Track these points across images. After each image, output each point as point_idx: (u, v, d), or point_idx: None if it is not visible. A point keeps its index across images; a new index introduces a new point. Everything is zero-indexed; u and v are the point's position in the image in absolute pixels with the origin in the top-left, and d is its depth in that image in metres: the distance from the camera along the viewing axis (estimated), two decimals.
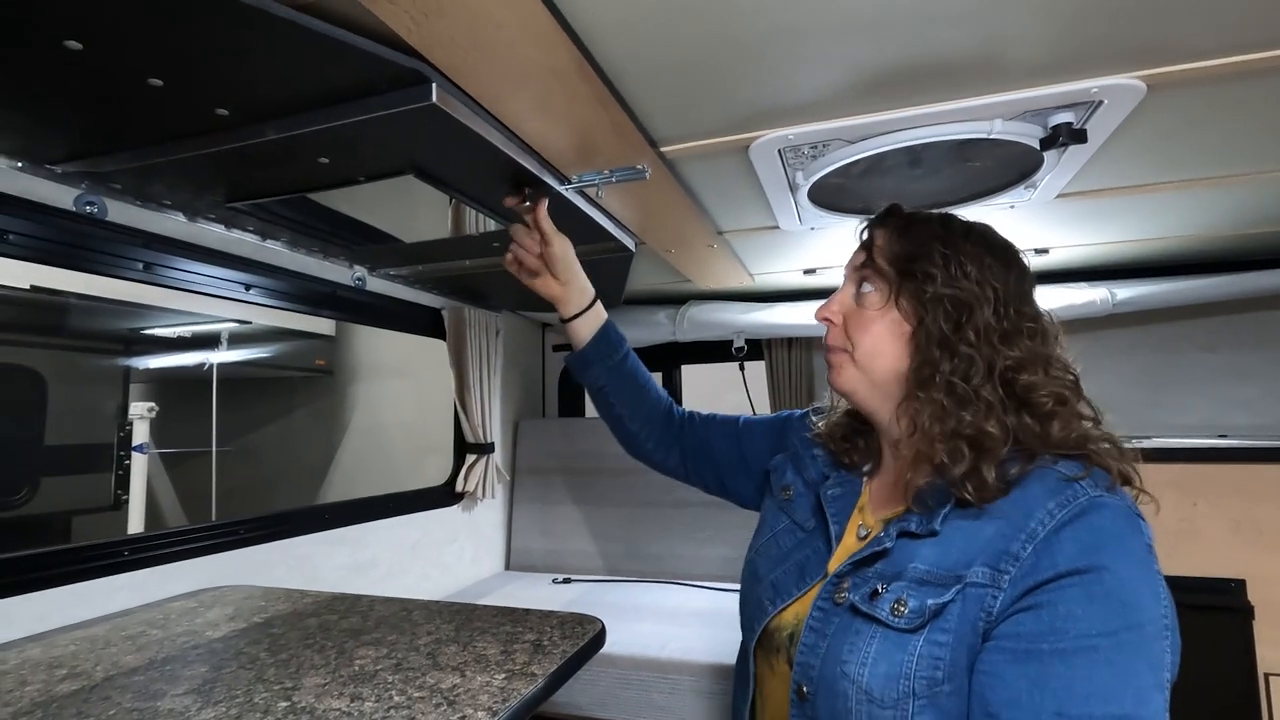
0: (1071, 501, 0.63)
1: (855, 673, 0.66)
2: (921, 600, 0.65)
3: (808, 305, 2.21)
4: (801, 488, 0.91)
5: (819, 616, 0.74)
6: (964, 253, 0.75)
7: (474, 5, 0.67)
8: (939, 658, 0.63)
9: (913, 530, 0.71)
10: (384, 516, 1.82)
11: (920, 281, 0.75)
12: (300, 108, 0.84)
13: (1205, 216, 1.52)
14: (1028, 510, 0.64)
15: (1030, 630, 0.60)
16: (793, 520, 0.88)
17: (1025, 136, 1.02)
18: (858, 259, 0.83)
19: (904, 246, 0.78)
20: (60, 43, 0.68)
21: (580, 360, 1.10)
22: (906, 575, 0.68)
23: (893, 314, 0.77)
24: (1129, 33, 0.79)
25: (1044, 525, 0.63)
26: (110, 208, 1.12)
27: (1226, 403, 1.96)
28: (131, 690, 0.79)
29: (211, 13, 0.64)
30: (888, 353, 0.77)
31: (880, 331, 0.77)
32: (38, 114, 0.85)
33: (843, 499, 0.84)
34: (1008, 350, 0.71)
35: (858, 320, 0.80)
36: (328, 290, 1.62)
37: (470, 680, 0.79)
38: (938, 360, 0.72)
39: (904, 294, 0.76)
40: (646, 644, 1.53)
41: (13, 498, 2.71)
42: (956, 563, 0.66)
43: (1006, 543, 0.64)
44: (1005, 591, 0.62)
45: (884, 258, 0.79)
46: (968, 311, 0.72)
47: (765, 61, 0.84)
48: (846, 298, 0.83)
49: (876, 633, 0.67)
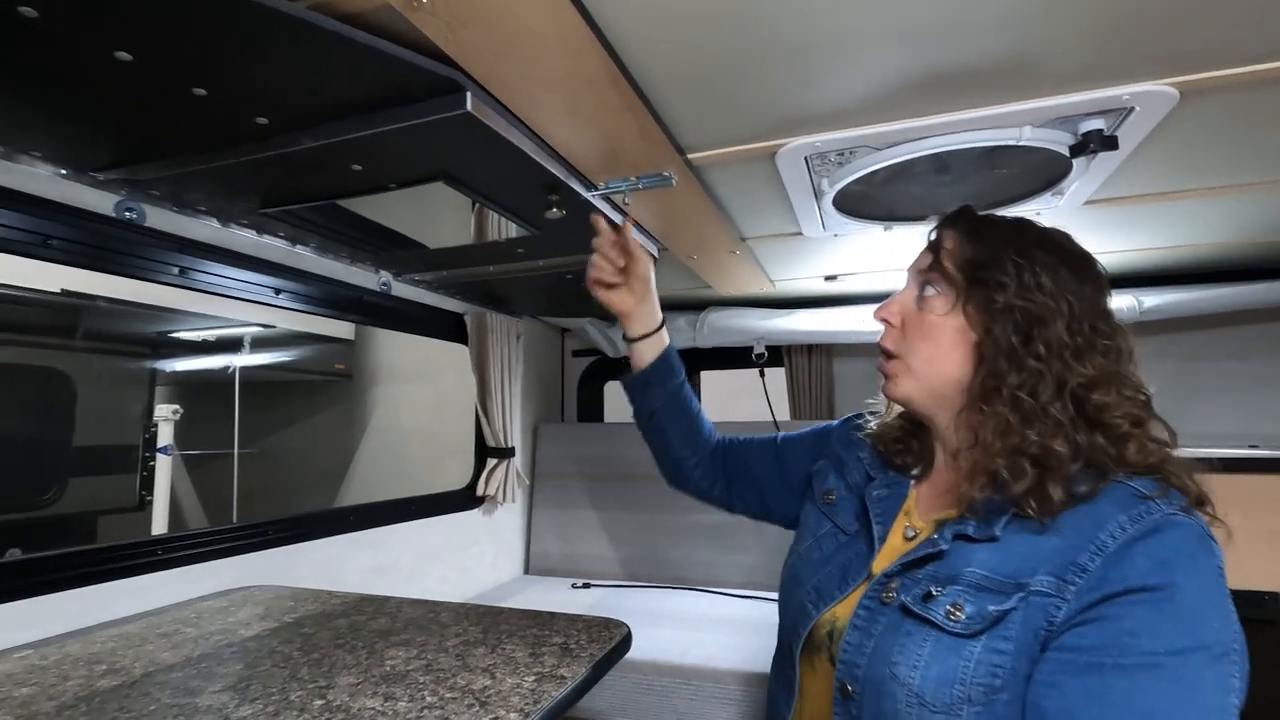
0: (1145, 517, 0.62)
1: (906, 675, 0.65)
2: (981, 606, 0.64)
3: (828, 312, 2.20)
4: (845, 491, 0.90)
5: (864, 615, 0.73)
6: (1038, 261, 0.72)
7: (512, 15, 0.69)
8: (999, 665, 0.62)
9: (969, 534, 0.69)
10: (405, 520, 1.84)
11: (990, 289, 0.72)
12: (337, 116, 0.86)
13: (1235, 223, 1.50)
14: (1098, 522, 0.63)
15: (1093, 643, 0.59)
16: (835, 524, 0.87)
17: (1055, 143, 1.02)
18: (923, 261, 0.81)
19: (974, 251, 0.75)
20: (111, 54, 0.70)
21: (640, 383, 1.08)
22: (962, 579, 0.67)
23: (957, 321, 0.75)
24: (1162, 40, 0.79)
25: (1114, 538, 0.61)
26: (149, 213, 1.15)
27: (1258, 412, 1.93)
28: (170, 687, 0.80)
29: (260, 26, 0.66)
30: (948, 360, 0.75)
31: (943, 338, 0.76)
32: (85, 124, 0.88)
33: (888, 500, 0.83)
34: (1080, 367, 0.68)
35: (918, 324, 0.78)
36: (354, 295, 1.65)
37: (500, 682, 0.80)
38: (1004, 373, 0.70)
39: (971, 301, 0.74)
40: (668, 650, 1.53)
41: (43, 497, 2.76)
42: (1018, 570, 0.64)
43: (1074, 553, 0.62)
44: (1069, 602, 0.61)
45: (952, 262, 0.76)
46: (1039, 324, 0.70)
47: (795, 70, 0.85)
48: (908, 300, 0.81)
49: (930, 635, 0.66)
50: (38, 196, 1.02)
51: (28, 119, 0.87)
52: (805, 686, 0.81)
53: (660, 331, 1.09)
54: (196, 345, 3.15)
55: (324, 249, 1.47)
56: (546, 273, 1.64)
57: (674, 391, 1.08)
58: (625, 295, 1.07)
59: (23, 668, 0.87)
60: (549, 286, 1.81)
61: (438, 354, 2.53)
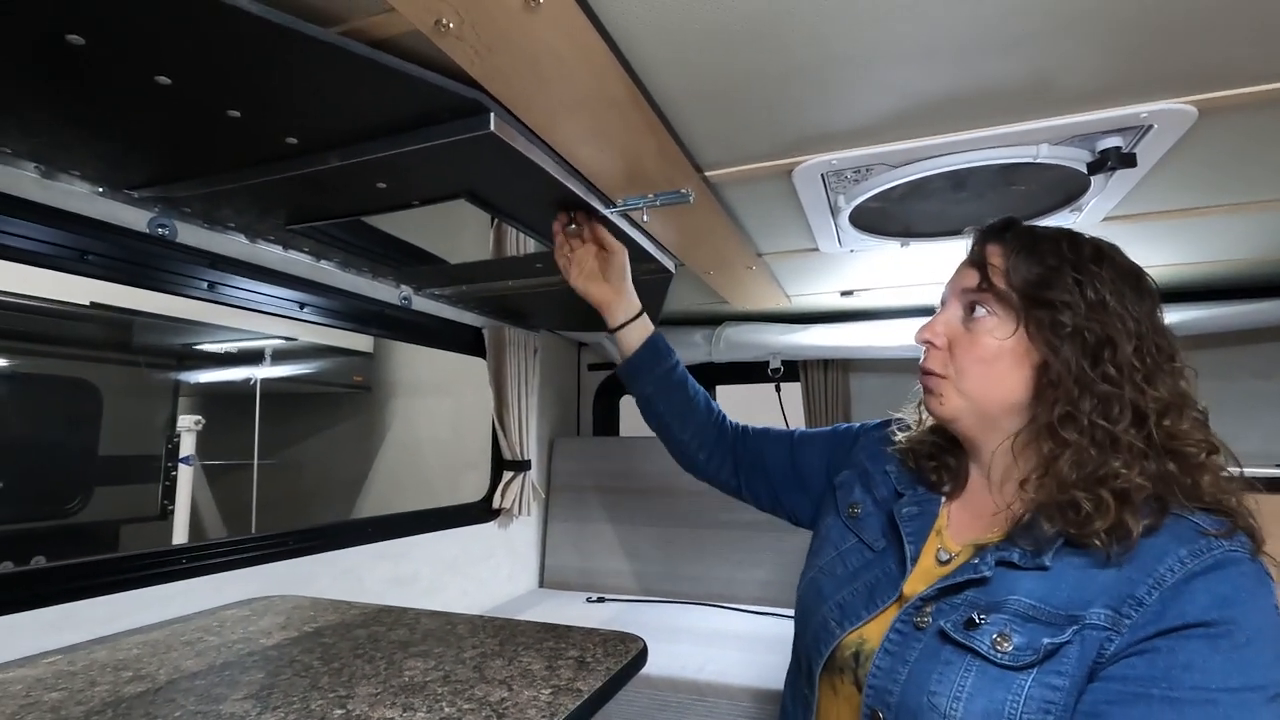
0: (1205, 552, 0.60)
1: (948, 706, 0.63)
2: (1032, 637, 0.62)
3: (844, 327, 2.20)
4: (871, 506, 0.87)
5: (897, 640, 0.70)
6: (1098, 278, 0.69)
7: (537, 39, 0.71)
8: (1052, 701, 0.60)
9: (1014, 561, 0.67)
10: (424, 531, 1.85)
11: (1054, 310, 0.69)
12: (365, 136, 0.88)
13: (1257, 240, 1.49)
14: (1157, 556, 0.61)
15: (1142, 674, 0.57)
16: (860, 539, 0.85)
17: (1072, 161, 1.02)
18: (969, 279, 0.76)
19: (1030, 269, 0.72)
20: (152, 79, 0.73)
21: (629, 368, 1.11)
22: (1007, 608, 0.65)
23: (1017, 343, 0.71)
24: (1180, 58, 0.79)
25: (1174, 572, 0.60)
26: (180, 230, 1.18)
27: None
28: (194, 694, 0.82)
29: (294, 51, 0.68)
30: (1006, 384, 0.72)
31: (1000, 361, 0.72)
32: (124, 144, 0.91)
33: (919, 519, 0.80)
34: (1152, 390, 0.66)
35: (967, 345, 0.75)
36: (375, 309, 1.68)
37: (518, 694, 0.80)
38: (1077, 399, 0.67)
39: (1033, 322, 0.70)
40: (684, 665, 1.53)
41: (68, 505, 2.81)
42: (1069, 601, 0.62)
43: (1132, 587, 0.60)
44: (1124, 636, 0.59)
45: (1004, 280, 0.73)
46: (1109, 346, 0.67)
47: (812, 89, 0.86)
48: (953, 320, 0.77)
49: (973, 665, 0.64)
50: (75, 213, 1.06)
51: (69, 139, 0.90)
52: (824, 708, 0.78)
53: (642, 317, 1.12)
54: (219, 358, 3.20)
55: (347, 264, 1.50)
56: (563, 287, 1.65)
57: (665, 374, 1.10)
58: (604, 287, 1.11)
59: (52, 673, 0.89)
60: (566, 301, 1.82)
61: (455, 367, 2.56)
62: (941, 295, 0.83)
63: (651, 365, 1.10)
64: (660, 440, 1.16)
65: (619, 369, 1.16)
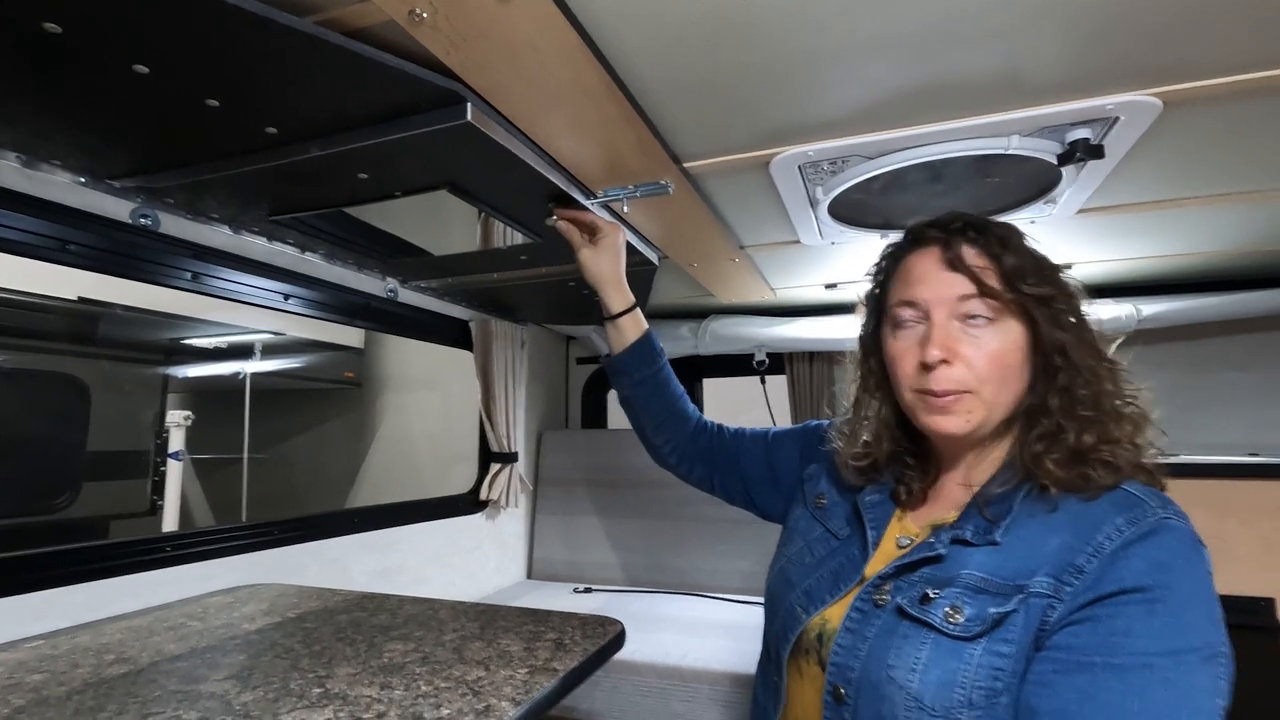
0: (1140, 520, 0.63)
1: (904, 678, 0.65)
2: (981, 608, 0.65)
3: (829, 320, 2.22)
4: (836, 496, 0.90)
5: (856, 618, 0.73)
6: (1051, 267, 0.75)
7: (510, 29, 0.72)
8: (1000, 669, 0.62)
9: (967, 538, 0.70)
10: (411, 522, 1.86)
11: (1044, 304, 0.72)
12: (344, 126, 0.89)
13: (1231, 232, 1.51)
14: (1095, 524, 0.64)
15: (1085, 643, 0.60)
16: (826, 528, 0.87)
17: (1043, 152, 1.04)
18: (959, 287, 0.74)
19: (1014, 262, 0.73)
20: (130, 68, 0.74)
21: (618, 365, 1.13)
22: (960, 582, 0.67)
23: (1018, 339, 0.73)
24: (1144, 51, 0.81)
25: (1112, 540, 0.63)
26: (163, 220, 1.19)
27: (1259, 422, 1.93)
28: (176, 675, 0.83)
29: (270, 41, 0.69)
30: (1017, 381, 0.74)
31: (1012, 361, 0.73)
32: (104, 133, 0.92)
33: (881, 506, 0.83)
34: (1109, 366, 0.72)
35: (978, 351, 0.73)
36: (362, 301, 1.68)
37: (494, 673, 0.82)
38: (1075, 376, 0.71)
39: (1027, 315, 0.73)
40: (668, 652, 1.55)
41: (56, 501, 2.80)
42: (1017, 572, 0.65)
43: (1073, 555, 0.63)
44: (1065, 603, 0.62)
45: (1000, 281, 0.73)
46: (1082, 329, 0.73)
47: (785, 82, 0.88)
48: (955, 331, 0.74)
49: (928, 638, 0.66)
50: (58, 203, 1.06)
51: (49, 129, 0.91)
52: (791, 691, 0.80)
53: (635, 311, 1.13)
54: (208, 352, 3.20)
55: (332, 255, 1.51)
56: (550, 280, 1.67)
57: (649, 378, 1.11)
58: (598, 256, 1.13)
59: (35, 656, 0.90)
60: (552, 293, 1.84)
61: (445, 361, 2.57)
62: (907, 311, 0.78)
63: (638, 367, 1.11)
64: (636, 433, 1.18)
65: (605, 362, 1.17)
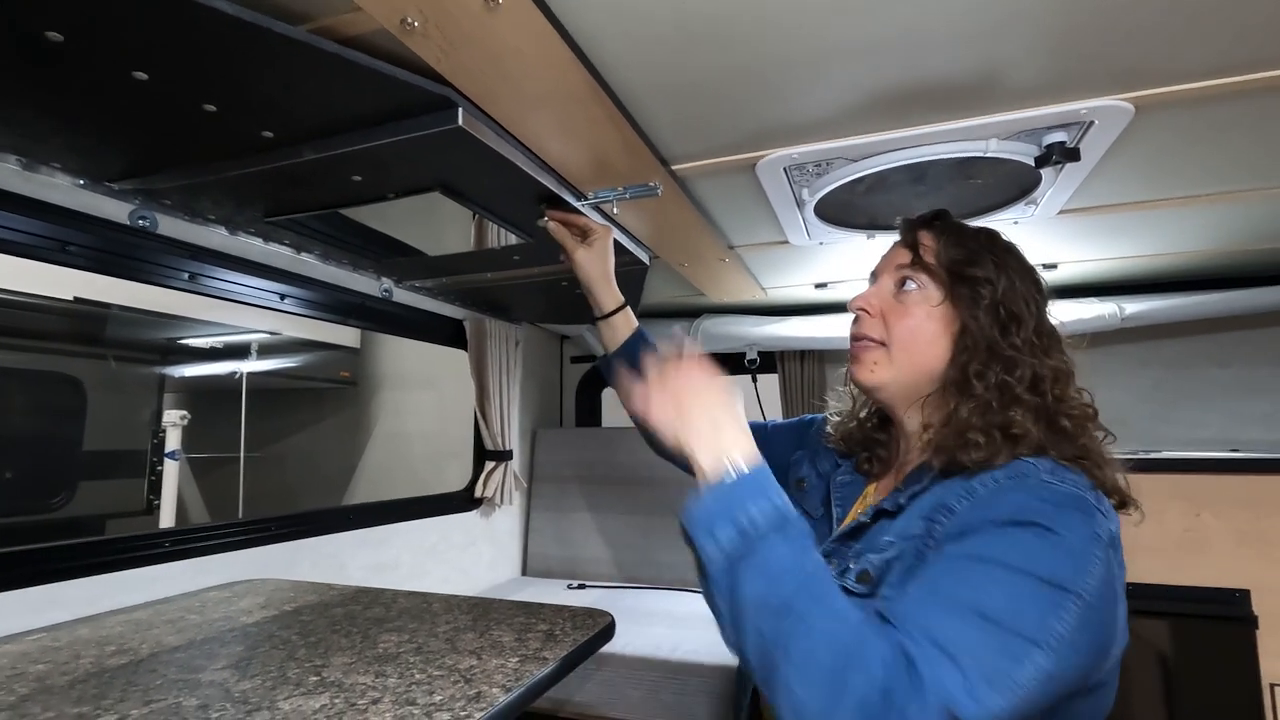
0: (1021, 477, 0.67)
1: None
2: (874, 564, 0.71)
3: (820, 319, 2.25)
4: (815, 479, 0.96)
5: None
6: (1009, 266, 0.79)
7: (496, 36, 0.74)
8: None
9: (887, 509, 0.76)
10: (405, 519, 1.88)
11: (975, 285, 0.78)
12: (338, 130, 0.91)
13: (1212, 232, 1.54)
14: (979, 480, 0.69)
15: (950, 551, 0.63)
16: (804, 509, 0.93)
17: (1021, 155, 1.06)
18: (901, 257, 0.84)
19: (958, 251, 0.81)
20: (129, 74, 0.76)
21: (613, 362, 1.17)
22: (875, 548, 0.73)
23: (943, 313, 0.79)
24: (1115, 57, 0.84)
25: (985, 487, 0.67)
26: (161, 222, 1.21)
27: (1240, 418, 1.96)
28: (175, 665, 0.85)
29: (265, 48, 0.71)
30: (930, 351, 0.79)
31: (926, 328, 0.80)
32: (103, 136, 0.94)
33: (850, 485, 0.89)
34: (1047, 360, 0.75)
35: (898, 314, 0.82)
36: (357, 301, 1.71)
37: (486, 663, 0.84)
38: (988, 360, 0.75)
39: (958, 296, 0.79)
40: (659, 645, 1.57)
41: (52, 500, 2.81)
42: (909, 526, 0.71)
43: (947, 499, 0.68)
44: (935, 540, 0.66)
45: (935, 258, 0.81)
46: (1017, 322, 0.76)
47: (768, 86, 0.90)
48: (885, 293, 0.84)
49: None
50: (57, 205, 1.08)
51: (49, 133, 0.93)
52: None
53: (625, 311, 1.18)
54: (205, 352, 3.21)
55: (327, 256, 1.53)
56: (543, 280, 1.69)
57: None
58: (591, 256, 1.18)
59: (37, 648, 0.92)
60: (546, 293, 1.86)
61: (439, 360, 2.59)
62: (872, 271, 0.90)
63: (632, 362, 1.14)
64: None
65: (602, 363, 1.22)
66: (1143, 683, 1.32)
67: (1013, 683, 0.53)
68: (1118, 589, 0.62)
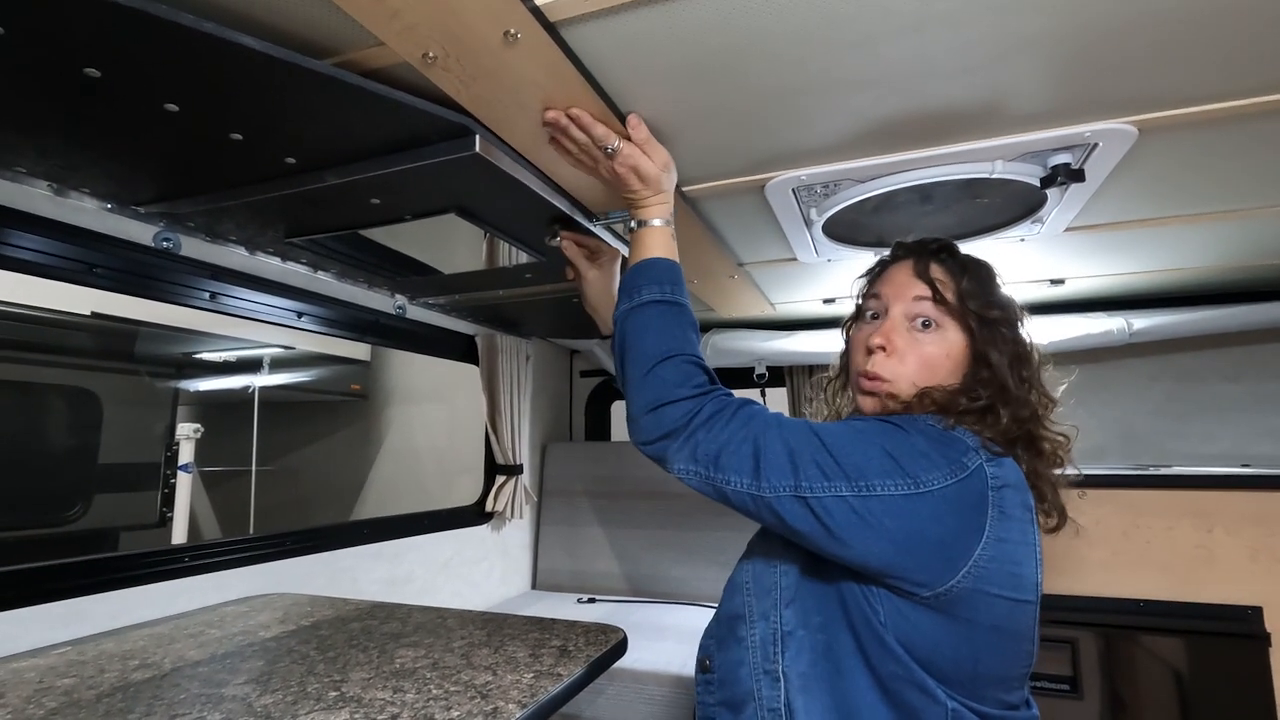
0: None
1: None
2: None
3: (828, 334, 2.26)
4: None
5: None
6: (1011, 305, 0.84)
7: (514, 70, 0.77)
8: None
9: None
10: (418, 533, 1.90)
11: (995, 327, 0.80)
12: (359, 157, 0.94)
13: (1219, 248, 1.55)
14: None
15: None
16: None
17: (1026, 176, 1.08)
18: (917, 289, 0.84)
19: (970, 285, 0.82)
20: (161, 106, 0.79)
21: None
22: None
23: (959, 352, 0.82)
24: (1117, 83, 0.86)
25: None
26: (184, 243, 1.24)
27: (1251, 433, 1.96)
28: (198, 679, 0.87)
29: (292, 81, 0.74)
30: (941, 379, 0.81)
31: (943, 367, 0.81)
32: (134, 164, 0.97)
33: None
34: (1041, 394, 0.80)
35: (915, 353, 0.82)
36: (371, 318, 1.73)
37: (501, 678, 0.86)
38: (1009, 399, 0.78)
39: (981, 338, 0.80)
40: (669, 660, 1.58)
41: (68, 513, 2.85)
42: None
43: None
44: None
45: (952, 294, 0.82)
46: (1024, 363, 0.80)
47: (777, 113, 0.93)
48: (901, 328, 0.84)
49: None
50: (85, 229, 1.11)
51: (79, 160, 0.96)
52: None
53: None
54: (218, 366, 3.25)
55: (343, 274, 1.56)
56: (553, 296, 1.72)
57: None
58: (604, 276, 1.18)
59: (63, 662, 0.94)
60: (556, 309, 1.89)
61: (450, 375, 2.61)
62: (872, 292, 0.90)
63: None
64: None
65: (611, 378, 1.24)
66: (1157, 700, 1.32)
67: (810, 487, 0.69)
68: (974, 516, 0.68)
